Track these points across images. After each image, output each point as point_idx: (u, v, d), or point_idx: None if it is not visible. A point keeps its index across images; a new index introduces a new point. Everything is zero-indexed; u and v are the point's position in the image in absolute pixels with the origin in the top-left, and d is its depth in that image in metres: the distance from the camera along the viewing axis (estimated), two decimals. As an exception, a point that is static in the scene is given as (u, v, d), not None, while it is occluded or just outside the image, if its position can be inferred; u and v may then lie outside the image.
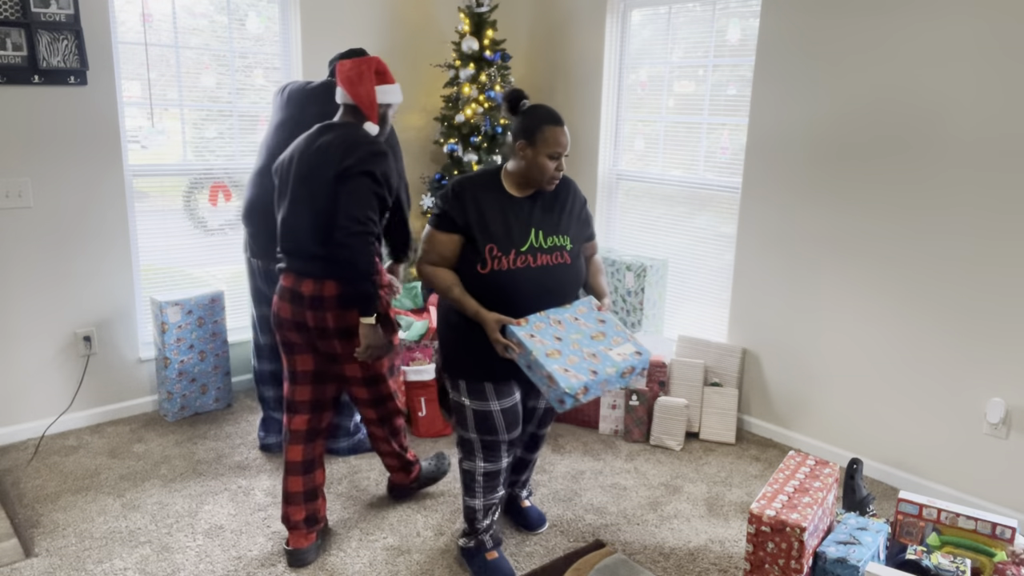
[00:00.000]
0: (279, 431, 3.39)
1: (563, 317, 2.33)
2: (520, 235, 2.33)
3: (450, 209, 2.33)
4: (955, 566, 2.22)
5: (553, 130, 2.28)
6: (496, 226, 2.32)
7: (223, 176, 3.93)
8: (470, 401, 2.43)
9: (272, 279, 3.17)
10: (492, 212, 2.34)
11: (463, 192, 2.35)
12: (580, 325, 2.33)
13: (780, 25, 3.42)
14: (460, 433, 2.50)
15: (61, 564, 2.57)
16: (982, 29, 2.84)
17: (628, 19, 4.20)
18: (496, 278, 2.30)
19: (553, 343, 2.22)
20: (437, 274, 2.36)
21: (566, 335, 2.27)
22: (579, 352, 2.23)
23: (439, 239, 2.35)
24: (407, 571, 2.60)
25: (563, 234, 2.40)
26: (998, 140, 2.85)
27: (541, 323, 2.28)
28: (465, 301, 2.30)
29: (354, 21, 4.14)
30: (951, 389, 3.09)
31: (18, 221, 3.31)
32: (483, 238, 2.30)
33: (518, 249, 2.31)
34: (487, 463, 2.49)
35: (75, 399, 3.58)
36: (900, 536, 2.48)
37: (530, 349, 2.18)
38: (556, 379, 2.11)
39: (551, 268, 2.36)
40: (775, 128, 3.50)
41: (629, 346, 2.31)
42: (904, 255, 3.15)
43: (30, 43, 3.16)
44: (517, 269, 2.31)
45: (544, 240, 2.36)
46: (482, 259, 2.30)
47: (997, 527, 2.33)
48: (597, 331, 2.33)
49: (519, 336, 2.21)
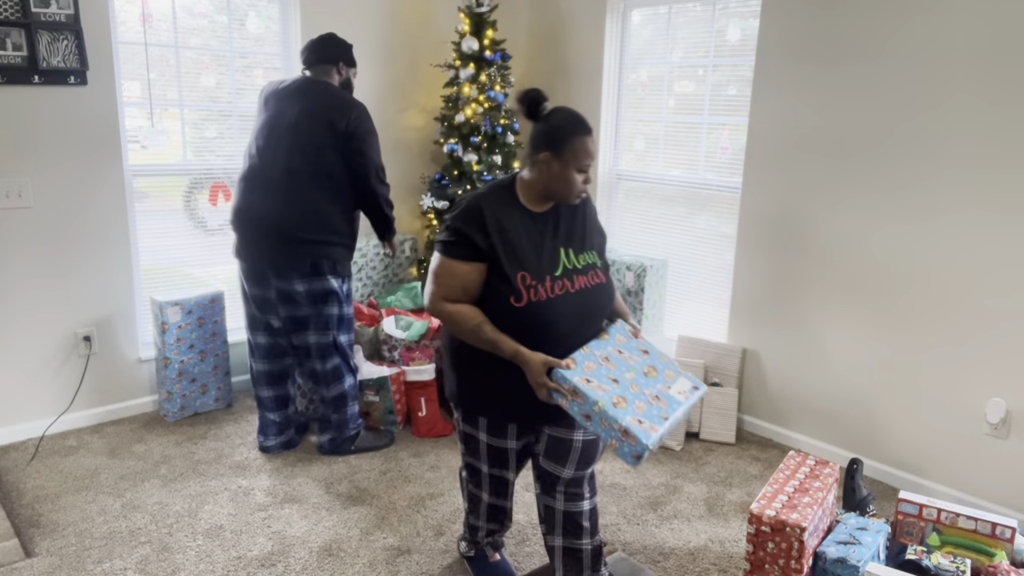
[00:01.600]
0: (278, 432, 3.39)
1: (608, 352, 2.06)
2: (550, 258, 2.04)
3: (471, 232, 2.00)
4: (955, 566, 2.22)
5: (583, 141, 1.98)
6: (525, 250, 2.01)
7: (223, 176, 3.93)
8: (488, 437, 2.21)
9: (260, 280, 3.18)
10: (516, 233, 2.02)
11: (482, 211, 2.01)
12: (627, 360, 2.07)
13: (780, 25, 3.42)
14: (470, 462, 2.31)
15: (61, 564, 2.57)
16: (982, 29, 2.84)
17: (628, 19, 4.20)
18: (535, 311, 1.98)
19: (612, 387, 1.96)
20: (459, 313, 2.02)
21: (620, 375, 2.01)
22: (642, 395, 1.98)
23: (459, 270, 2.01)
24: (407, 571, 2.60)
25: (591, 250, 2.14)
26: (998, 140, 2.85)
27: (591, 363, 2.00)
28: (501, 341, 1.98)
29: (354, 21, 4.14)
30: (951, 389, 3.09)
31: (18, 221, 3.31)
32: (512, 265, 1.99)
33: (553, 274, 2.02)
34: (495, 498, 2.35)
35: (75, 399, 3.58)
36: (900, 536, 2.48)
37: (594, 399, 1.91)
38: (635, 434, 1.86)
39: (590, 291, 2.07)
40: (775, 128, 3.50)
41: (684, 381, 2.10)
42: (904, 255, 3.15)
43: (30, 43, 3.16)
44: (557, 298, 2.01)
45: (576, 260, 2.08)
46: (515, 290, 1.98)
47: (997, 527, 2.33)
48: (646, 365, 2.08)
49: (574, 383, 1.93)
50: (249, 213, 3.10)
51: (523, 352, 1.96)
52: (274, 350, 3.32)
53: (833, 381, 3.45)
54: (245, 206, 3.12)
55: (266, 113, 3.15)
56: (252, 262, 3.16)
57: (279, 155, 3.06)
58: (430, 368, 3.67)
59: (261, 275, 3.17)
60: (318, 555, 2.67)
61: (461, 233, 2.01)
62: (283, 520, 2.88)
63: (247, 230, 3.12)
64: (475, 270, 2.01)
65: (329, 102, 3.07)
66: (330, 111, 3.05)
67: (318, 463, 3.32)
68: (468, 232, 2.00)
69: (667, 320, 4.23)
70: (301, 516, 2.91)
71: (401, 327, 3.75)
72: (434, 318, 2.00)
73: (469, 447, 2.28)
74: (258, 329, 3.29)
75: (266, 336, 3.29)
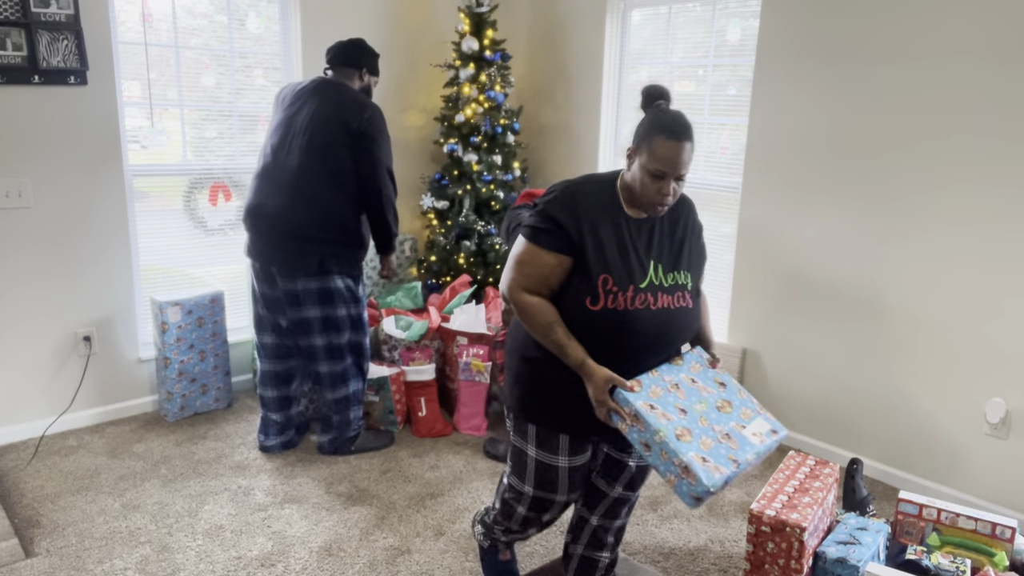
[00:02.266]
0: (278, 432, 3.39)
1: (679, 379, 1.90)
2: (639, 268, 1.89)
3: (565, 221, 1.87)
4: (955, 566, 2.22)
5: (664, 143, 1.80)
6: (613, 253, 1.88)
7: (223, 176, 3.93)
8: (536, 451, 2.04)
9: (269, 279, 3.18)
10: (607, 233, 1.89)
11: (577, 202, 1.89)
12: (700, 391, 1.90)
13: (780, 25, 3.42)
14: (513, 483, 2.15)
15: (61, 564, 2.57)
16: (983, 28, 2.84)
17: (628, 19, 4.20)
18: (610, 319, 1.85)
19: (679, 418, 1.80)
20: (536, 306, 1.89)
21: (689, 405, 1.84)
22: (710, 431, 1.81)
23: (544, 260, 1.88)
24: (407, 571, 2.60)
25: (685, 270, 1.96)
26: (999, 140, 2.85)
27: (658, 388, 1.85)
28: (569, 347, 1.86)
29: (354, 21, 4.14)
30: (951, 389, 3.09)
31: (18, 221, 3.31)
32: (597, 265, 1.86)
33: (637, 285, 1.87)
34: (532, 511, 2.16)
35: (75, 399, 3.58)
36: (900, 536, 2.48)
37: (656, 427, 1.75)
38: (696, 473, 1.69)
39: (672, 312, 1.91)
40: (775, 128, 3.50)
41: (762, 422, 1.90)
42: (904, 255, 3.15)
43: (30, 43, 3.16)
44: (635, 310, 1.86)
45: (665, 277, 1.92)
46: (593, 292, 1.85)
47: (997, 527, 2.33)
48: (721, 399, 1.91)
49: (636, 407, 1.78)
50: (261, 211, 3.10)
51: (588, 364, 1.85)
52: (280, 350, 3.31)
53: (833, 381, 3.45)
54: (257, 203, 3.12)
55: (282, 112, 3.16)
56: (262, 260, 3.15)
57: (293, 153, 3.06)
58: (430, 368, 3.67)
59: (270, 274, 3.17)
60: (318, 555, 2.67)
61: (554, 221, 1.87)
62: (283, 520, 2.88)
63: (259, 227, 3.11)
64: (560, 263, 1.88)
65: (344, 102, 3.07)
66: (344, 111, 3.05)
67: (318, 463, 3.32)
68: (562, 221, 1.87)
69: (667, 320, 4.23)
70: (301, 516, 2.91)
71: (401, 327, 3.75)
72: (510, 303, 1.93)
73: (516, 464, 2.10)
74: (265, 329, 3.29)
75: (273, 336, 3.29)
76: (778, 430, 1.91)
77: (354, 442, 3.40)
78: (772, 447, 1.87)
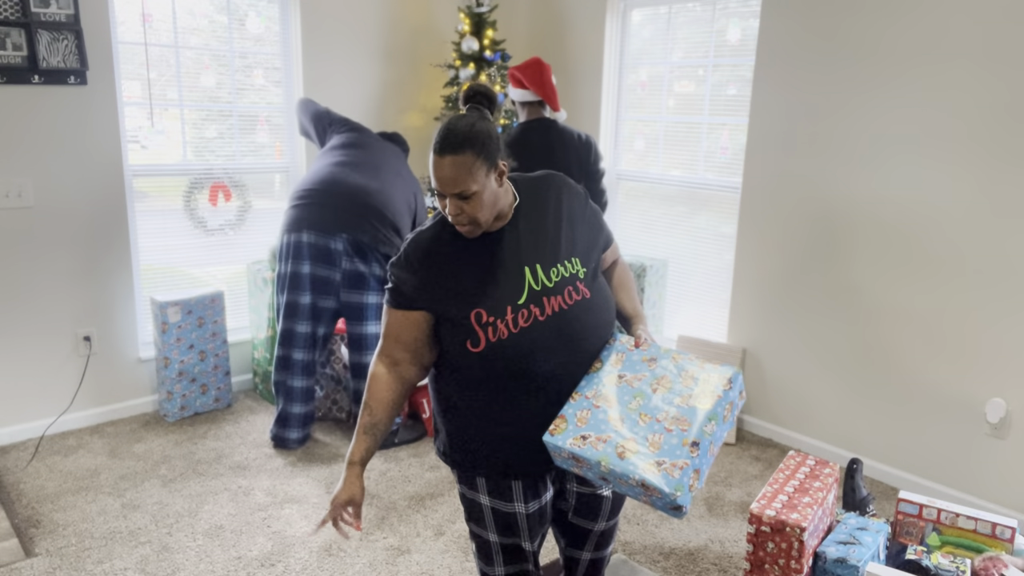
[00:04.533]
0: (301, 425, 3.40)
1: (602, 386, 1.67)
2: (512, 283, 1.66)
3: (402, 278, 1.70)
4: (955, 566, 2.22)
5: (432, 158, 1.61)
6: (476, 282, 1.66)
7: (223, 176, 3.93)
8: (491, 500, 1.82)
9: (326, 258, 3.20)
10: (461, 266, 1.68)
11: (412, 254, 1.70)
12: (630, 384, 1.67)
13: (780, 25, 3.42)
14: (475, 531, 1.90)
15: (61, 564, 2.57)
16: (982, 27, 2.84)
17: (628, 19, 4.20)
18: (498, 355, 1.64)
19: (615, 433, 1.58)
20: (372, 380, 1.73)
21: (623, 410, 1.62)
22: (654, 425, 1.58)
23: (393, 319, 1.72)
24: (407, 571, 2.60)
25: (570, 258, 1.73)
26: (998, 139, 2.85)
27: (583, 411, 1.63)
28: (356, 440, 1.72)
29: (354, 21, 4.14)
30: (951, 389, 3.09)
31: (18, 221, 3.31)
32: (465, 304, 1.65)
33: (515, 303, 1.64)
34: (509, 566, 1.91)
35: (75, 399, 3.58)
36: (900, 536, 2.48)
37: (595, 459, 1.55)
38: (655, 484, 1.50)
39: (567, 313, 1.68)
40: (775, 128, 3.50)
41: (711, 376, 1.66)
42: (904, 254, 3.15)
43: (30, 43, 3.16)
44: (522, 332, 1.64)
45: (547, 277, 1.68)
46: (470, 333, 1.64)
47: (997, 527, 2.33)
48: (654, 379, 1.67)
49: (568, 448, 1.57)
50: (339, 187, 3.20)
51: (347, 469, 1.69)
52: (311, 339, 3.33)
53: (833, 381, 3.45)
54: (334, 178, 3.24)
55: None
56: (325, 238, 3.18)
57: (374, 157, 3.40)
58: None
59: (329, 252, 3.19)
60: (318, 555, 2.67)
61: (395, 279, 1.71)
62: (283, 520, 2.88)
63: (334, 203, 3.19)
64: (407, 318, 1.69)
65: None
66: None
67: (318, 463, 3.32)
68: (400, 278, 1.70)
69: (667, 320, 4.23)
70: (301, 516, 2.91)
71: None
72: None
73: (472, 514, 1.88)
74: (302, 317, 3.28)
75: (308, 324, 3.29)
76: (729, 375, 1.65)
77: (396, 435, 3.45)
78: (733, 398, 1.63)
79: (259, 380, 4.00)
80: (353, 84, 4.20)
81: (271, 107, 4.02)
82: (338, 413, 3.75)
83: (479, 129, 1.60)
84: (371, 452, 1.72)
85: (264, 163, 4.05)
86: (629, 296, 1.90)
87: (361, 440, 1.71)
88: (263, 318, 3.83)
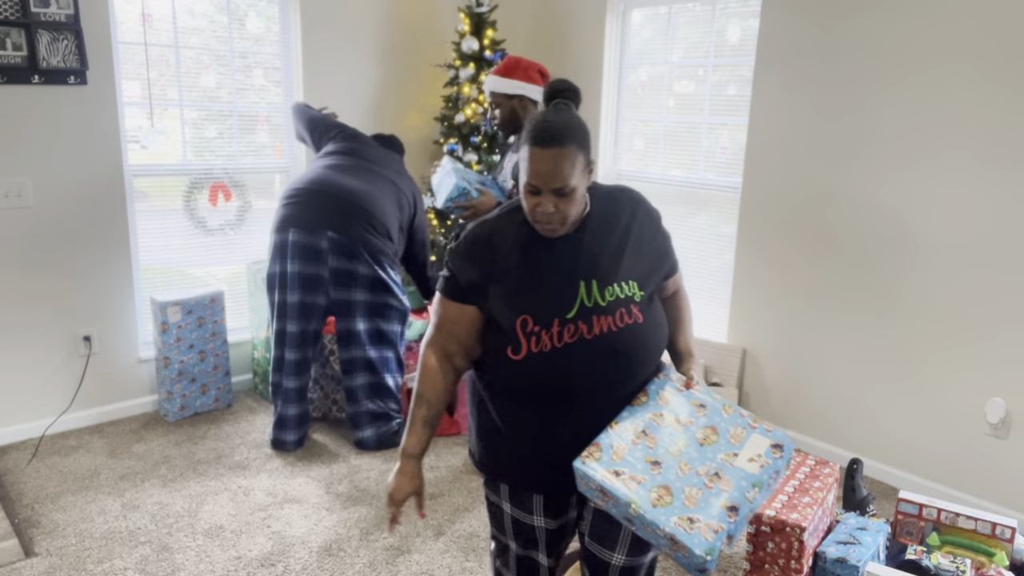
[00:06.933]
0: (297, 426, 3.40)
1: (646, 422, 1.55)
2: (565, 295, 1.56)
3: (460, 269, 1.62)
4: (955, 566, 2.22)
5: (532, 152, 1.49)
6: (530, 287, 1.57)
7: (223, 176, 3.93)
8: (512, 508, 1.76)
9: (313, 256, 3.23)
10: (521, 267, 1.58)
11: (477, 245, 1.62)
12: (674, 427, 1.55)
13: (780, 25, 3.42)
14: (496, 535, 1.85)
15: (61, 564, 2.57)
16: (982, 27, 2.84)
17: (628, 19, 4.20)
18: (536, 367, 1.55)
19: (652, 476, 1.47)
20: (423, 371, 1.70)
21: (663, 453, 1.51)
22: (694, 478, 1.47)
23: (447, 311, 1.66)
24: (407, 571, 2.60)
25: (627, 279, 1.60)
26: (998, 138, 2.85)
27: (621, 443, 1.52)
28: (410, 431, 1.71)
29: (354, 21, 4.14)
30: (951, 389, 3.09)
31: (18, 221, 3.31)
32: (513, 308, 1.56)
33: (563, 316, 1.55)
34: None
35: (75, 399, 3.58)
36: (900, 536, 2.48)
37: (626, 499, 1.43)
38: (684, 543, 1.40)
39: (615, 335, 1.57)
40: (775, 128, 3.50)
41: (758, 439, 1.54)
42: (904, 254, 3.15)
43: (30, 43, 3.16)
44: (565, 347, 1.54)
45: (600, 295, 1.57)
46: (513, 340, 1.56)
47: (997, 527, 2.33)
48: (702, 428, 1.55)
49: (598, 480, 1.46)
50: (326, 187, 3.26)
51: (402, 461, 1.70)
52: (302, 337, 3.33)
53: (833, 381, 3.45)
54: (322, 179, 3.29)
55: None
56: (310, 236, 3.21)
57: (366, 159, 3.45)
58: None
59: (315, 250, 3.22)
60: (318, 555, 2.67)
61: (453, 269, 1.63)
62: (283, 520, 2.88)
63: (320, 202, 3.23)
64: (464, 314, 1.63)
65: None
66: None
67: (318, 463, 3.33)
68: (458, 268, 1.62)
69: (667, 320, 4.23)
70: (301, 516, 2.91)
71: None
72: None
73: (494, 518, 1.83)
74: (291, 316, 3.29)
75: (297, 323, 3.30)
76: (782, 443, 1.55)
77: (399, 434, 3.45)
78: (781, 467, 1.51)
79: (259, 380, 4.00)
80: (353, 84, 4.21)
81: (271, 107, 4.02)
82: (338, 413, 3.75)
83: (579, 123, 1.53)
84: (428, 444, 1.73)
85: (264, 163, 4.05)
86: (684, 331, 1.79)
87: (419, 433, 1.70)
88: (263, 318, 3.83)
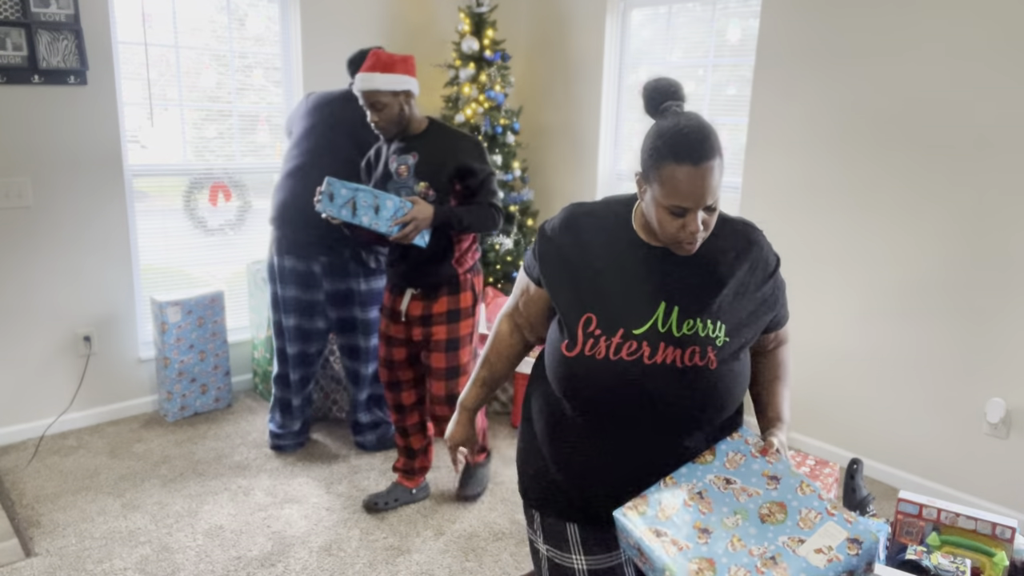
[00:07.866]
0: (297, 433, 3.40)
1: (705, 484, 1.38)
2: (639, 307, 1.40)
3: (544, 249, 1.49)
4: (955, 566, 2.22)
5: (677, 170, 1.29)
6: (605, 289, 1.42)
7: (223, 176, 3.93)
8: (548, 549, 1.55)
9: (306, 280, 3.19)
10: (605, 265, 1.43)
11: (567, 229, 1.48)
12: (737, 495, 1.37)
13: (780, 25, 3.42)
14: None
15: (61, 564, 2.57)
16: (983, 26, 2.84)
17: (628, 19, 4.20)
18: (582, 369, 1.40)
19: (697, 544, 1.30)
20: (494, 336, 1.65)
21: (716, 521, 1.33)
22: (745, 558, 1.28)
23: (522, 285, 1.58)
24: (407, 571, 2.60)
25: (715, 319, 1.40)
26: (999, 138, 2.85)
27: (672, 501, 1.35)
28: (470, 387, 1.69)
29: (354, 21, 4.14)
30: (951, 389, 3.09)
31: (18, 221, 3.31)
32: (580, 304, 1.42)
33: (629, 330, 1.38)
34: None
35: (75, 399, 3.58)
36: (900, 536, 2.48)
37: (661, 564, 1.27)
38: None
39: (678, 373, 1.38)
40: (775, 128, 3.50)
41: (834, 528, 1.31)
42: (904, 255, 3.15)
43: (30, 43, 3.16)
44: (620, 362, 1.37)
45: (678, 324, 1.39)
46: (572, 335, 1.41)
47: (997, 527, 2.33)
48: (769, 503, 1.35)
49: (636, 536, 1.31)
50: (307, 207, 3.14)
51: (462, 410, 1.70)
52: (301, 358, 3.32)
53: (833, 381, 3.45)
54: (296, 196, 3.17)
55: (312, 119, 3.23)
56: (305, 261, 3.19)
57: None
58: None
59: (310, 276, 3.21)
60: (318, 555, 2.67)
61: (538, 248, 1.51)
62: (283, 520, 2.88)
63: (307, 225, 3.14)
64: (540, 296, 1.53)
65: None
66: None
67: (318, 463, 3.33)
68: (542, 246, 1.50)
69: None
70: (301, 516, 2.91)
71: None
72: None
73: (535, 561, 1.63)
74: (289, 338, 3.29)
75: (296, 344, 3.29)
76: (862, 538, 1.29)
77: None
78: (855, 568, 1.27)
79: (259, 380, 4.00)
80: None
81: (271, 107, 4.02)
82: (338, 413, 3.75)
83: (709, 124, 1.37)
84: (484, 402, 1.71)
85: (264, 163, 4.05)
86: (778, 393, 1.57)
87: (477, 390, 1.68)
88: (263, 318, 3.83)
